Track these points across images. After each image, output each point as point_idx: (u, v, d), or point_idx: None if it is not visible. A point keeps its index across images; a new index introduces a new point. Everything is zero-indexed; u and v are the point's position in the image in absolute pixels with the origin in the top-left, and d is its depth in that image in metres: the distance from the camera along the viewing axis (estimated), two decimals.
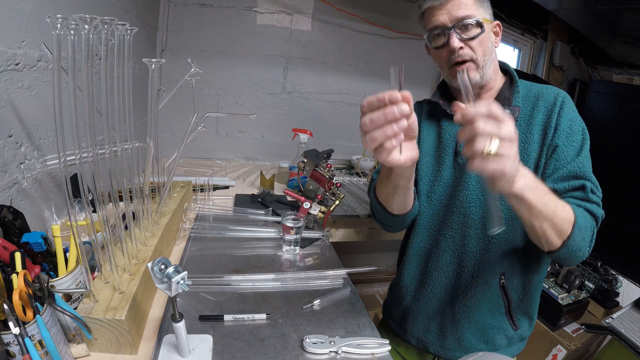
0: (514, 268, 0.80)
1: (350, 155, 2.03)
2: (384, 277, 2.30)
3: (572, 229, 0.62)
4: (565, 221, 0.62)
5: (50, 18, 0.47)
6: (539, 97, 0.78)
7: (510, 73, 0.83)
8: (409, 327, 0.92)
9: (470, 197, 0.79)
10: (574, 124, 0.74)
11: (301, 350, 0.64)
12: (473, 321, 0.83)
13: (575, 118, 0.75)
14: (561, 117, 0.74)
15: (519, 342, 0.87)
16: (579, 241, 0.64)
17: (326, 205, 1.14)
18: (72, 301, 0.63)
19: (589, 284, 1.74)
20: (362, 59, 1.96)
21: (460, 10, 0.73)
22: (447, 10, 0.73)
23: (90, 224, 0.57)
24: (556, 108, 0.75)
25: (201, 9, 1.70)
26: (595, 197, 0.69)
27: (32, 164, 0.75)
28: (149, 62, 0.78)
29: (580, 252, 0.65)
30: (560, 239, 0.63)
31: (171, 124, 1.49)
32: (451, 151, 0.83)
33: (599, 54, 2.33)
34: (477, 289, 0.81)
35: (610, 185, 2.38)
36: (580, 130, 0.74)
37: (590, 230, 0.66)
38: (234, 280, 0.82)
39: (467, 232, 0.80)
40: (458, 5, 0.73)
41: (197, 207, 1.17)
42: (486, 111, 0.47)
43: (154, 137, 0.85)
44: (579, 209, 0.66)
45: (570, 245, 0.63)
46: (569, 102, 0.76)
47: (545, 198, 0.59)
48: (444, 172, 0.83)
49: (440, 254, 0.84)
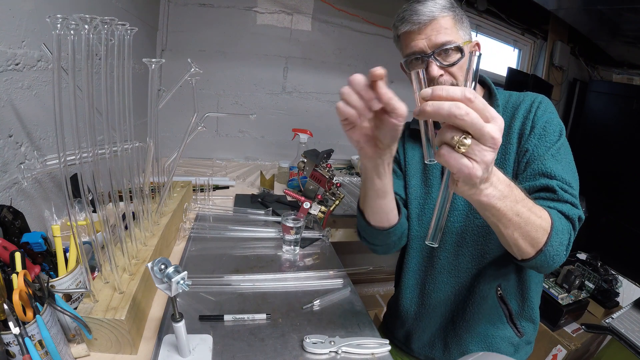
0: (509, 278, 0.79)
1: (350, 155, 2.03)
2: (384, 277, 2.30)
3: (549, 236, 0.57)
4: (540, 229, 0.56)
5: (50, 18, 0.47)
6: (517, 106, 0.76)
7: (488, 85, 0.81)
8: (414, 346, 0.92)
9: (460, 217, 0.79)
10: (549, 124, 0.71)
11: (301, 350, 0.64)
12: (476, 334, 0.82)
13: (551, 119, 0.72)
14: (536, 121, 0.72)
15: (526, 346, 0.86)
16: (556, 246, 0.58)
17: (326, 205, 1.13)
18: (72, 301, 0.63)
19: (589, 284, 1.74)
20: (362, 59, 1.96)
21: (440, 36, 0.69)
22: (426, 35, 0.70)
23: (90, 224, 0.57)
24: (531, 114, 0.73)
25: (201, 9, 1.70)
26: (567, 196, 0.65)
27: (32, 164, 0.75)
28: (149, 62, 0.78)
29: (557, 257, 0.60)
30: (534, 248, 0.58)
31: (171, 124, 1.49)
32: (438, 173, 0.82)
33: (599, 54, 2.33)
34: (475, 302, 0.80)
35: (610, 185, 2.38)
36: (557, 130, 0.71)
37: (567, 234, 0.61)
38: (234, 280, 0.82)
39: (461, 251, 0.80)
40: (437, 30, 0.70)
41: (197, 207, 1.17)
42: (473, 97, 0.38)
43: (154, 137, 0.85)
44: (554, 212, 0.61)
45: (547, 251, 0.57)
46: (544, 105, 0.74)
47: (518, 206, 0.52)
48: (433, 194, 0.82)
49: (436, 275, 0.84)
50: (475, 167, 0.40)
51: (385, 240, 0.79)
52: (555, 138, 0.70)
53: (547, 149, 0.70)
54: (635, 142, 2.05)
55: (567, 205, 0.64)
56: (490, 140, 0.39)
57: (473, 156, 0.40)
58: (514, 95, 0.80)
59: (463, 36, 0.73)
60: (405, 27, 0.71)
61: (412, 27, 0.70)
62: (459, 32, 0.71)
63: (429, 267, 0.85)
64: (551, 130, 0.71)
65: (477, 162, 0.40)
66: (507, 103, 0.79)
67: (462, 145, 0.39)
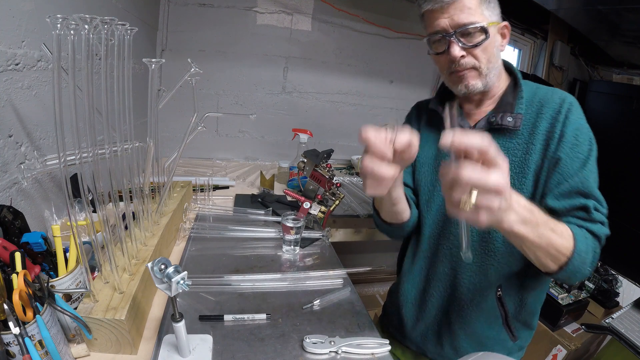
0: (512, 281, 0.78)
1: (350, 155, 2.03)
2: (384, 277, 2.30)
3: (571, 255, 0.59)
4: (562, 248, 0.59)
5: (50, 18, 0.47)
6: (543, 102, 0.72)
7: (514, 74, 0.78)
8: (407, 333, 0.92)
9: None
10: (581, 133, 0.68)
11: (301, 350, 0.64)
12: (470, 332, 0.81)
13: (582, 126, 0.69)
14: (566, 127, 0.68)
15: (518, 351, 0.86)
16: (578, 265, 0.60)
17: (326, 205, 1.13)
18: (72, 301, 0.63)
19: (589, 284, 1.74)
20: (362, 59, 1.96)
21: (463, 15, 0.66)
22: (449, 14, 0.67)
23: (90, 224, 0.57)
24: (561, 116, 0.69)
25: (201, 9, 1.70)
26: (599, 216, 0.65)
27: (32, 164, 0.75)
28: (149, 62, 0.78)
29: (579, 274, 0.62)
30: (556, 265, 0.60)
31: (171, 124, 1.49)
32: None
33: (599, 54, 2.32)
34: (474, 301, 0.79)
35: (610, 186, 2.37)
36: (587, 140, 0.68)
37: (591, 252, 0.62)
38: (234, 280, 0.82)
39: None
40: (461, 9, 0.67)
41: (197, 207, 1.17)
42: (478, 146, 0.41)
43: (154, 137, 0.85)
44: (581, 232, 0.62)
45: (569, 269, 0.60)
46: (575, 109, 0.70)
47: (540, 229, 0.54)
48: None
49: (438, 264, 0.83)
50: (483, 215, 0.43)
51: (400, 232, 0.86)
52: (587, 148, 0.68)
53: (583, 163, 0.67)
54: (635, 142, 2.05)
55: (597, 225, 0.64)
56: (495, 191, 0.42)
57: (481, 207, 0.42)
58: (541, 89, 0.75)
59: (489, 16, 0.69)
60: (427, 5, 0.69)
61: (434, 6, 0.68)
62: (484, 13, 0.68)
63: (434, 254, 0.84)
64: (583, 140, 0.68)
65: (485, 211, 0.43)
66: (533, 97, 0.74)
67: (468, 205, 0.42)
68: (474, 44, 0.69)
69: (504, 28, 0.73)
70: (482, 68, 0.71)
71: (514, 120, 0.72)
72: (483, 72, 0.71)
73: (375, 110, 2.07)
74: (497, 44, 0.72)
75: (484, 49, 0.69)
